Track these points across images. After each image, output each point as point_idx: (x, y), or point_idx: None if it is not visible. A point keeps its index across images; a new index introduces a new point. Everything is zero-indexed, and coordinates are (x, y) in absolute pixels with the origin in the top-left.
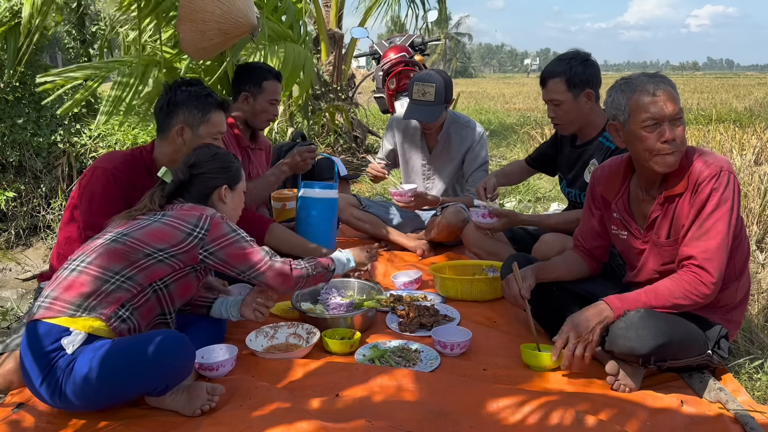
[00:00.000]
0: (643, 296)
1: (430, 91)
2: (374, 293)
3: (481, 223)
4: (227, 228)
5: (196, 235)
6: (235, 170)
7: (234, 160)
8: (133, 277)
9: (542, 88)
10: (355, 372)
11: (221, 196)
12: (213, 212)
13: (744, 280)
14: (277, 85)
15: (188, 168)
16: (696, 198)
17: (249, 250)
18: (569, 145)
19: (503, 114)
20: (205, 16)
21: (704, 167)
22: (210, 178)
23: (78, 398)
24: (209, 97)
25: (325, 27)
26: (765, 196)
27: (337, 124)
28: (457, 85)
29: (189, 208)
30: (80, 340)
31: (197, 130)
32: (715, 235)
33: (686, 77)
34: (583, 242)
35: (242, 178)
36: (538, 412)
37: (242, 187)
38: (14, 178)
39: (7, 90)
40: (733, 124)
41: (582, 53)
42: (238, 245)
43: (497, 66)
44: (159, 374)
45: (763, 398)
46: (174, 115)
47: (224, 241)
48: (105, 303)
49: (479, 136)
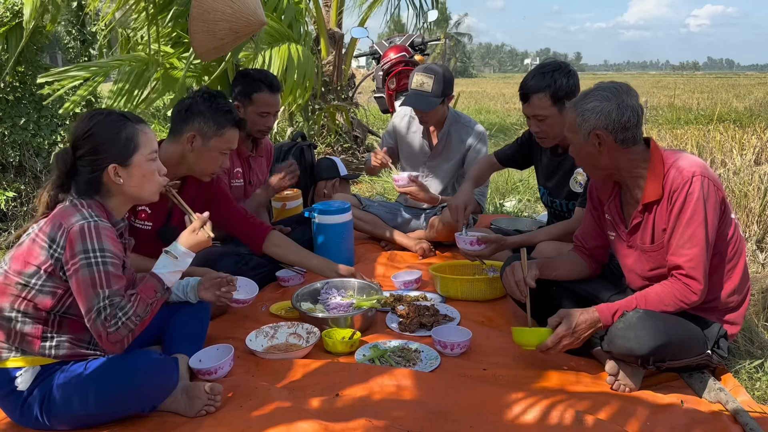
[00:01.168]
0: (634, 303)
1: (428, 81)
2: (374, 293)
3: (468, 251)
4: (80, 246)
5: (52, 253)
6: (122, 141)
7: (119, 127)
8: (28, 312)
9: (524, 103)
10: (355, 372)
11: (112, 178)
12: (74, 221)
13: (743, 282)
14: (269, 97)
15: (71, 151)
16: (673, 206)
17: (95, 284)
18: (549, 153)
19: (503, 114)
20: (217, 16)
21: (677, 174)
22: (92, 160)
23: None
24: (229, 113)
25: (325, 27)
26: (765, 196)
27: (337, 124)
28: (457, 85)
29: (59, 213)
30: (32, 374)
31: (208, 142)
32: (697, 242)
33: (686, 77)
34: (583, 243)
35: (139, 146)
36: (538, 412)
37: (142, 156)
38: (14, 178)
39: (8, 90)
40: (733, 124)
41: (563, 64)
42: (85, 272)
43: (497, 66)
44: (140, 398)
45: (763, 398)
46: (190, 121)
47: (73, 264)
48: (25, 341)
49: (480, 136)
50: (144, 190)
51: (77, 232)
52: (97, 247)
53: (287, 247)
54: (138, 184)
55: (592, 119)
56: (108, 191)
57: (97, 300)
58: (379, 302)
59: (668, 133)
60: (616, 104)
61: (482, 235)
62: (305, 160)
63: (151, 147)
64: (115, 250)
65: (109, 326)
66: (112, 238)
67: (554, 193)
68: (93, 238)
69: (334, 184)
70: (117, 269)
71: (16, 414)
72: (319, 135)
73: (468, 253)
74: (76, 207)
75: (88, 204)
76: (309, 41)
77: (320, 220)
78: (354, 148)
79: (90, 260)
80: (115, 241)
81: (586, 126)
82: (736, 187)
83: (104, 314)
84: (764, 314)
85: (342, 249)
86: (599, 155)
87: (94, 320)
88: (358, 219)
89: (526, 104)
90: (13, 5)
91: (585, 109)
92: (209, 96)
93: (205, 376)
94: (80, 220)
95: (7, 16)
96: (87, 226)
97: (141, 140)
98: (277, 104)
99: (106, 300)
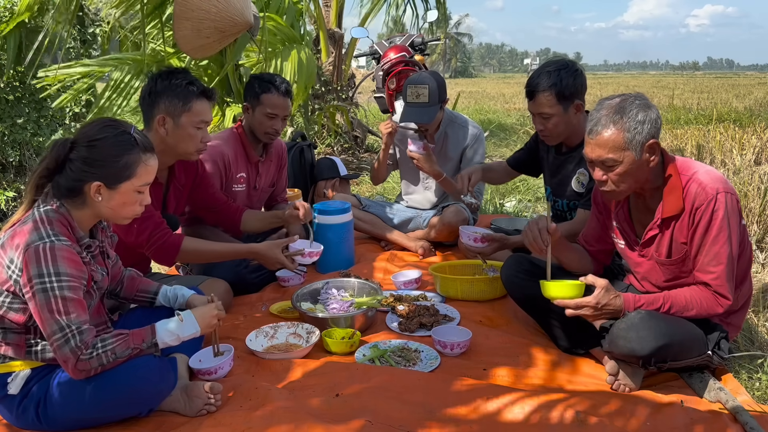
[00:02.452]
0: (660, 301)
1: (423, 92)
2: (374, 293)
3: (472, 247)
4: (35, 270)
5: (10, 275)
6: (119, 167)
7: (124, 150)
8: (5, 325)
9: (529, 100)
10: (355, 372)
11: (92, 194)
12: (30, 242)
13: (746, 285)
14: (277, 98)
15: (69, 144)
16: (697, 224)
17: (52, 311)
18: (554, 151)
19: (503, 114)
20: (201, 15)
21: (700, 190)
22: (81, 169)
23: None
24: (191, 85)
25: (325, 27)
26: (765, 196)
27: (337, 124)
28: (457, 85)
29: (20, 230)
30: (22, 377)
31: (179, 120)
32: (723, 259)
33: (686, 77)
34: (586, 245)
35: (134, 175)
36: (538, 411)
37: (132, 186)
38: (14, 177)
39: (7, 90)
40: (734, 124)
41: (569, 62)
42: (41, 298)
43: (497, 66)
44: (136, 400)
45: (763, 398)
46: (155, 105)
47: (29, 289)
48: (11, 348)
49: (476, 136)
50: (117, 216)
51: (32, 254)
52: (53, 271)
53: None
54: (115, 208)
55: (645, 131)
56: (83, 202)
57: (58, 326)
58: (379, 302)
59: (668, 133)
60: (656, 111)
61: (486, 233)
62: (305, 160)
63: (146, 179)
64: (72, 271)
65: (81, 354)
66: (70, 258)
67: (557, 192)
68: (48, 261)
69: (334, 184)
70: (75, 292)
71: (13, 417)
72: (319, 135)
73: (470, 249)
74: (35, 224)
75: (49, 220)
76: (309, 42)
77: (320, 220)
78: (354, 148)
79: (45, 285)
80: (74, 262)
81: (639, 139)
82: (736, 187)
83: (74, 342)
84: (764, 314)
85: (342, 249)
86: (648, 168)
87: (60, 346)
88: (358, 219)
89: (532, 102)
90: (13, 5)
91: (636, 122)
92: (167, 75)
93: (205, 376)
94: (36, 240)
95: (6, 16)
96: (42, 248)
97: (139, 171)
98: (286, 108)
99: (73, 328)
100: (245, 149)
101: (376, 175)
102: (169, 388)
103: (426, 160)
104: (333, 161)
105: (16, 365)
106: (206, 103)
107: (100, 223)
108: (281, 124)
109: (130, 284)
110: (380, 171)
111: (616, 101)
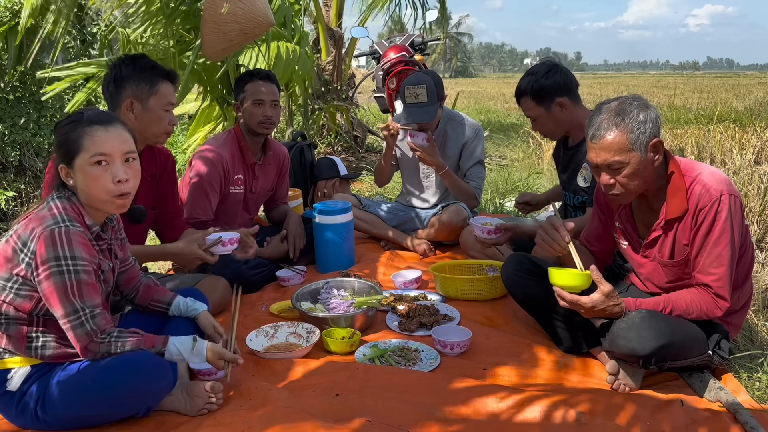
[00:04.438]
0: (660, 305)
1: (422, 92)
2: (374, 293)
3: (486, 239)
4: (51, 252)
5: (23, 258)
6: (67, 143)
7: (70, 128)
8: (9, 315)
9: (518, 106)
10: (355, 372)
11: (64, 178)
12: (45, 226)
13: (747, 286)
14: (259, 84)
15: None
16: (699, 225)
17: (67, 293)
18: (563, 146)
19: (503, 114)
20: (228, 17)
21: (704, 192)
22: (55, 158)
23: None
24: (155, 68)
25: (325, 26)
26: (765, 195)
27: (337, 123)
28: (457, 84)
29: (35, 216)
30: (21, 375)
31: (147, 103)
32: (724, 261)
33: (686, 77)
34: (588, 244)
35: (81, 149)
36: (538, 411)
37: (84, 160)
38: (14, 177)
39: (8, 90)
40: (733, 124)
41: (546, 63)
42: (57, 280)
43: (497, 65)
44: (136, 399)
45: (763, 397)
46: (122, 89)
47: (44, 270)
48: (12, 342)
49: (475, 133)
50: (90, 196)
51: (47, 237)
52: (68, 254)
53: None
54: (83, 187)
55: (647, 130)
56: (74, 191)
57: (73, 308)
58: (379, 302)
59: (668, 133)
60: (654, 110)
61: (498, 222)
62: (305, 160)
63: (95, 150)
64: (87, 256)
65: (95, 337)
66: (84, 243)
67: (565, 185)
68: (64, 244)
69: (334, 183)
70: (90, 276)
71: (12, 414)
72: (319, 135)
73: (485, 242)
74: (50, 210)
75: (64, 207)
76: (307, 41)
77: (320, 220)
78: (354, 148)
79: (62, 268)
80: (88, 247)
81: (643, 139)
82: (736, 187)
83: (89, 325)
84: (764, 314)
85: (342, 249)
86: (653, 167)
87: (74, 327)
88: (358, 219)
89: (519, 107)
90: (13, 5)
91: (638, 122)
92: (130, 60)
93: (205, 376)
94: (51, 224)
95: (6, 15)
96: (58, 232)
97: (84, 143)
98: (272, 93)
99: (87, 312)
100: (242, 151)
101: (379, 178)
102: (168, 387)
103: (429, 152)
104: (333, 161)
105: (15, 362)
106: (170, 86)
107: (110, 222)
108: (272, 111)
109: (146, 292)
110: (384, 173)
111: (614, 104)
